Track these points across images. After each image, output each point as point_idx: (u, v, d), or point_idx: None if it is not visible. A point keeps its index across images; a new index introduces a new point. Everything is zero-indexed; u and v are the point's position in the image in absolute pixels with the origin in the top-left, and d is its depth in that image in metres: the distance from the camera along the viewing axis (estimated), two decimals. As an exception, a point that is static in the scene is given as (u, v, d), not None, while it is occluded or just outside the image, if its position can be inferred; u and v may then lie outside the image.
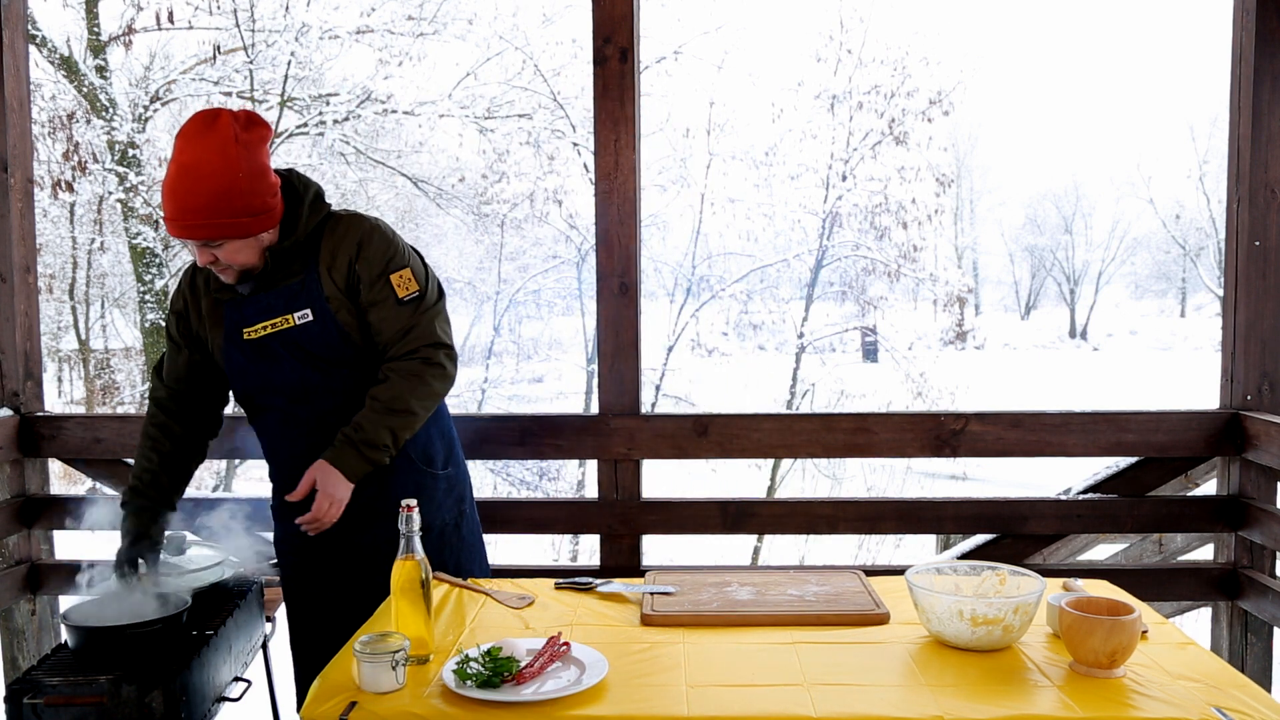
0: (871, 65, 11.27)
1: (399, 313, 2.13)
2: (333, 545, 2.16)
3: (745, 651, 1.80)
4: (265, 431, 2.26)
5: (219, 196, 1.96)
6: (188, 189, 1.96)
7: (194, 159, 1.96)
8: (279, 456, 2.27)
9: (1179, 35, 52.65)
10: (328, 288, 2.12)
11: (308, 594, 2.26)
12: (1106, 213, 36.55)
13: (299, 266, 2.13)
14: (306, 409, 2.17)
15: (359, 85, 10.92)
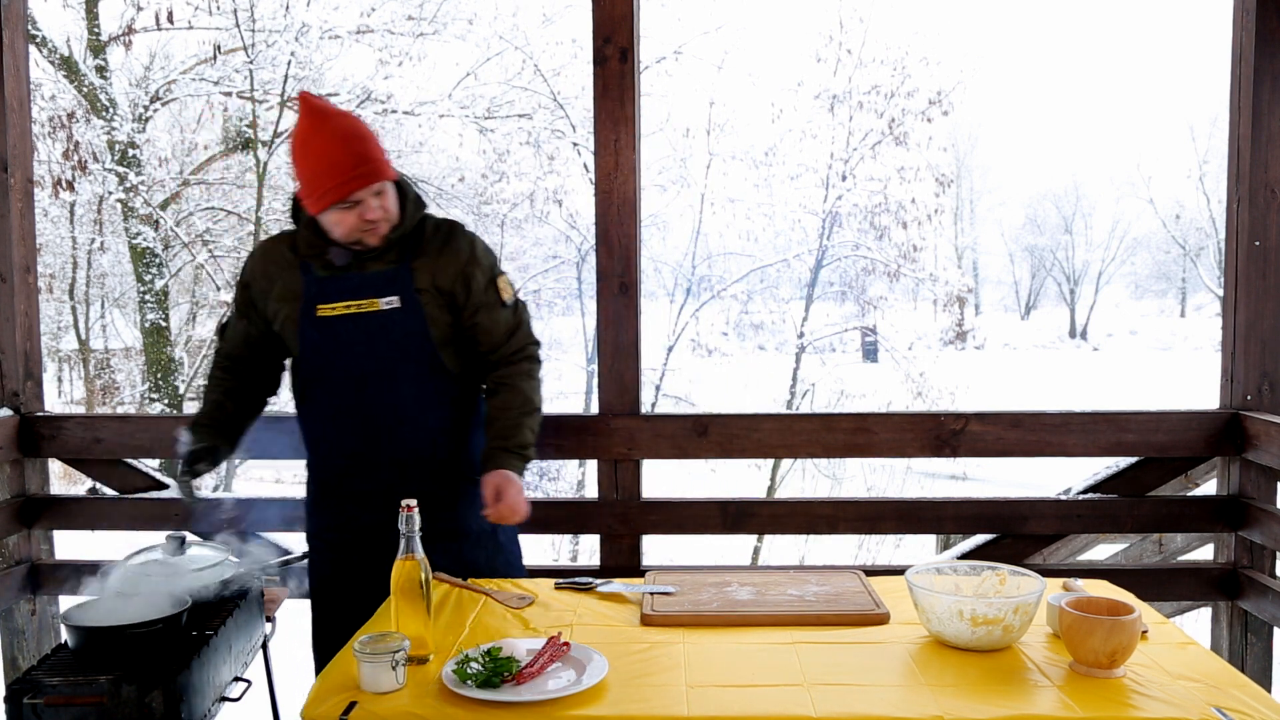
0: (871, 65, 11.27)
1: (505, 315, 2.28)
2: (372, 541, 2.16)
3: (745, 651, 1.80)
4: (315, 418, 2.29)
5: (371, 142, 2.14)
6: (349, 143, 2.11)
7: (336, 122, 2.12)
8: (321, 447, 2.30)
9: (1179, 35, 52.64)
10: (422, 281, 2.20)
11: (339, 589, 2.28)
12: (1106, 213, 36.58)
13: (394, 256, 2.20)
14: (362, 399, 2.21)
15: (359, 85, 10.92)
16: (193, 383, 11.76)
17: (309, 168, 2.12)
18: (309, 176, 2.13)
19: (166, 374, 11.36)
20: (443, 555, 2.13)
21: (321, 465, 2.32)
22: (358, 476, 2.25)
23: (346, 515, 2.28)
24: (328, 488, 2.32)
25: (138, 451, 3.14)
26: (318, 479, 2.33)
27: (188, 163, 12.08)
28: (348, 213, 2.13)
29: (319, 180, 2.11)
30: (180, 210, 11.91)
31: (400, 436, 2.23)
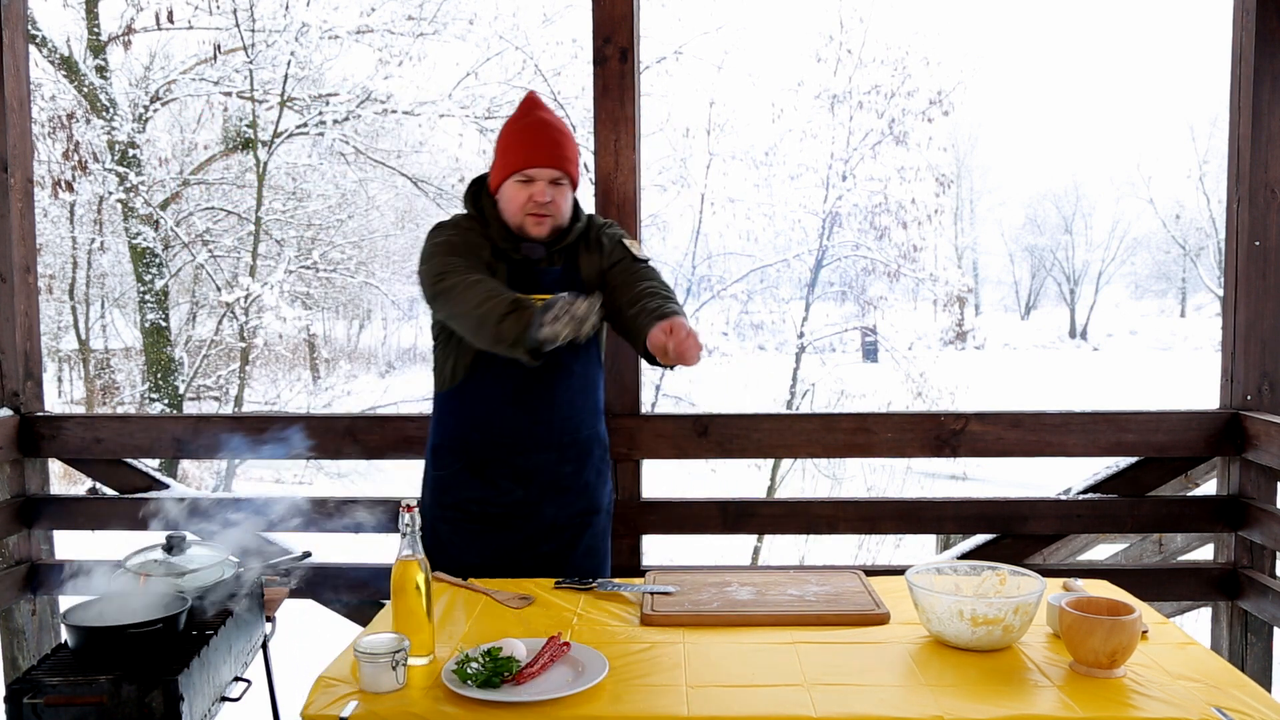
0: (871, 65, 11.26)
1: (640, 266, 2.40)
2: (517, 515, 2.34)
3: (745, 651, 1.80)
4: (482, 399, 2.34)
5: (569, 141, 2.35)
6: (556, 133, 2.32)
7: (548, 115, 2.35)
8: (484, 426, 2.34)
9: (1179, 35, 52.66)
10: (585, 272, 2.38)
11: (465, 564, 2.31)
12: (1106, 213, 36.59)
13: (559, 257, 2.37)
14: (536, 383, 2.31)
15: (359, 85, 10.92)
16: (192, 382, 11.76)
17: (506, 141, 2.32)
18: (502, 148, 2.32)
19: (166, 374, 11.36)
20: (581, 530, 2.39)
21: (480, 444, 2.35)
22: (520, 455, 2.35)
23: (499, 490, 2.36)
24: (480, 465, 2.36)
25: (138, 451, 3.14)
26: (468, 457, 2.37)
27: (188, 163, 12.08)
28: (521, 188, 2.28)
29: (509, 151, 2.30)
30: (180, 210, 11.91)
31: (563, 419, 2.36)
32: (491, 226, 2.34)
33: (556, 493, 2.38)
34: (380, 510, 3.01)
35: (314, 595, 3.11)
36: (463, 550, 2.37)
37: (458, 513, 2.39)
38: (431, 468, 2.44)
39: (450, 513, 2.39)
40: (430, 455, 2.45)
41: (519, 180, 2.28)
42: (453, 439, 2.39)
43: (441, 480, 2.41)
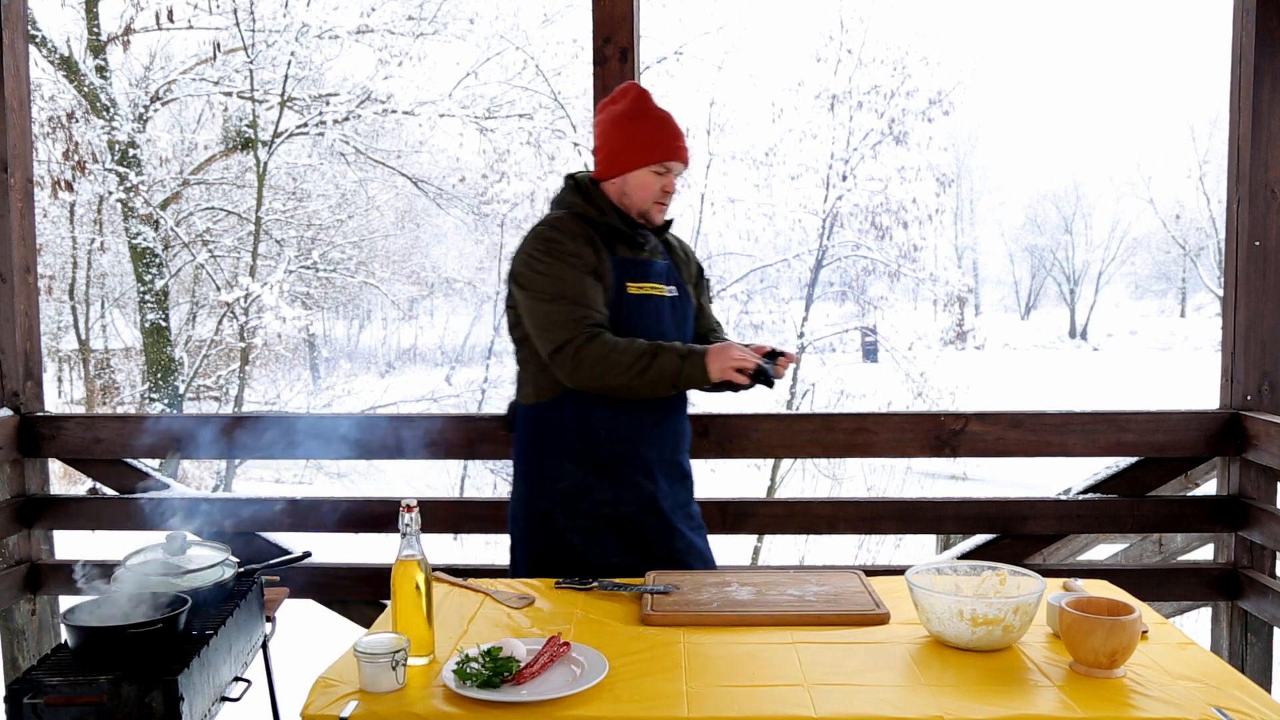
0: (871, 65, 11.27)
1: (709, 298, 2.63)
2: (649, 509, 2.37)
3: (745, 651, 1.80)
4: (606, 399, 2.31)
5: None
6: (676, 123, 2.38)
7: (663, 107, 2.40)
8: (611, 421, 2.32)
9: (1179, 35, 52.65)
10: (683, 275, 2.49)
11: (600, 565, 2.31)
12: (1106, 213, 36.59)
13: (662, 254, 2.45)
14: None
15: (359, 85, 10.93)
16: (192, 382, 11.76)
17: (637, 132, 2.34)
18: (633, 139, 2.33)
19: (166, 374, 11.36)
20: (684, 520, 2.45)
21: (608, 443, 2.34)
22: (645, 445, 2.37)
23: (630, 486, 2.35)
24: (608, 466, 2.34)
25: (138, 451, 3.14)
26: (595, 460, 2.33)
27: (188, 163, 12.08)
28: (658, 178, 2.34)
29: (644, 143, 2.32)
30: (180, 210, 11.92)
31: (675, 408, 2.44)
32: (608, 215, 2.36)
33: (680, 479, 2.45)
34: (381, 510, 3.01)
35: (314, 595, 3.11)
36: (602, 557, 2.33)
37: (591, 520, 2.34)
38: (552, 481, 2.34)
39: (584, 521, 2.33)
40: (544, 468, 2.35)
41: (656, 170, 2.34)
42: (576, 445, 2.33)
43: (568, 491, 2.33)
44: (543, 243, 2.29)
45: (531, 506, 2.37)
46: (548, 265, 2.26)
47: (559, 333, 2.23)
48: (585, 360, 2.20)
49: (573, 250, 2.28)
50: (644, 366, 2.20)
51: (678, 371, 2.22)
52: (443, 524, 3.12)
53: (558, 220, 2.34)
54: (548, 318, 2.25)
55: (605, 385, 2.23)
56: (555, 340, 2.23)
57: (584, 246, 2.29)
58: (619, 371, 2.20)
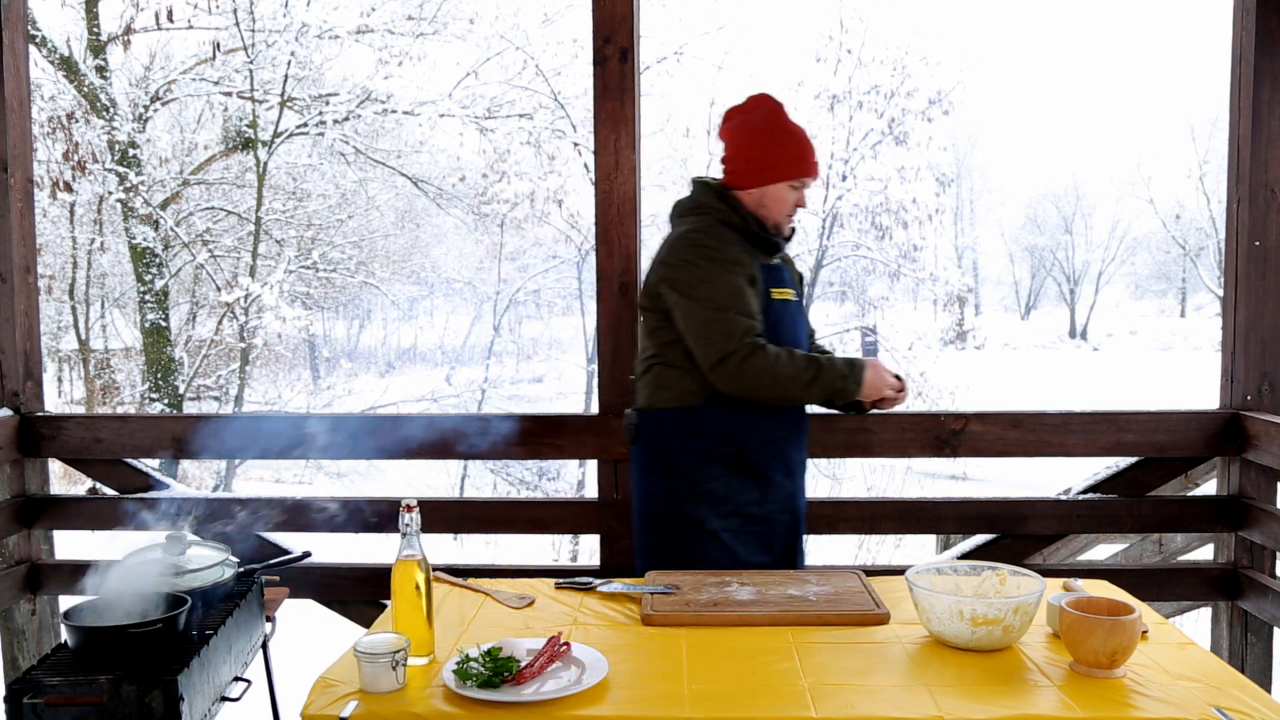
0: (871, 65, 11.27)
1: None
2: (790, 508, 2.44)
3: (745, 651, 1.80)
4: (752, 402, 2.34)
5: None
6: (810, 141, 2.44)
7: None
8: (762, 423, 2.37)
9: (1179, 35, 52.66)
10: (798, 280, 2.56)
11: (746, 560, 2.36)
12: (1106, 213, 36.57)
13: (785, 255, 2.51)
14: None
15: (359, 85, 10.92)
16: (192, 382, 11.76)
17: (783, 142, 2.40)
18: (782, 147, 2.39)
19: (166, 374, 11.36)
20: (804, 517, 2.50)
21: (755, 445, 2.37)
22: (788, 446, 2.43)
23: (774, 486, 2.40)
24: (754, 467, 2.37)
25: (138, 451, 3.14)
26: (742, 462, 2.36)
27: (188, 163, 12.08)
28: (794, 192, 2.41)
29: (785, 158, 2.38)
30: (180, 210, 11.91)
31: (805, 409, 2.48)
32: (749, 223, 2.39)
33: (803, 476, 2.50)
34: (381, 510, 3.01)
35: (314, 595, 3.11)
36: (745, 557, 2.36)
37: (740, 519, 2.36)
38: (700, 483, 2.35)
39: (734, 521, 2.36)
40: (691, 470, 2.35)
41: (793, 185, 2.40)
42: (723, 447, 2.35)
43: (718, 493, 2.35)
44: (702, 250, 2.31)
45: (682, 509, 2.35)
46: (710, 272, 2.28)
47: (724, 343, 2.25)
48: (749, 372, 2.23)
49: (733, 257, 2.31)
50: (808, 380, 2.26)
51: (840, 389, 2.30)
52: (443, 524, 3.11)
53: (710, 228, 2.35)
54: (712, 327, 2.26)
55: (765, 396, 2.29)
56: (720, 351, 2.24)
57: (741, 254, 2.33)
58: (783, 384, 2.25)
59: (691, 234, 2.35)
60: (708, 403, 2.33)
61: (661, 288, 2.33)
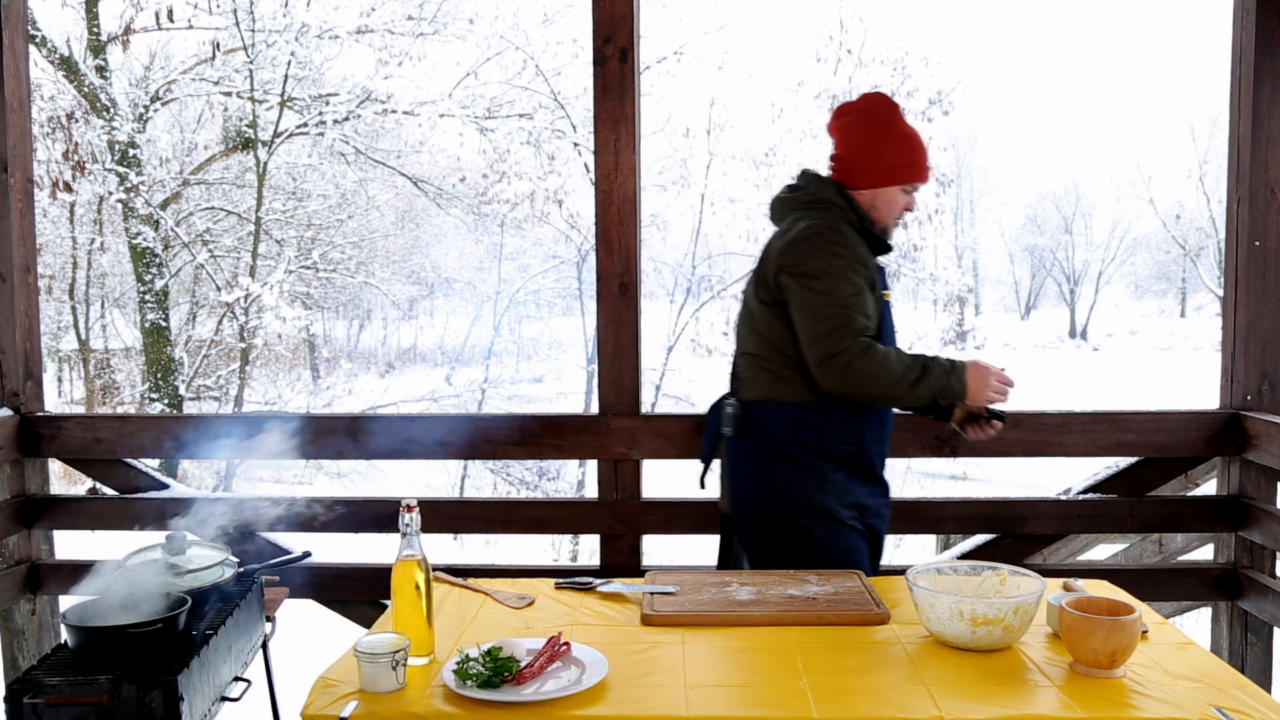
0: (871, 65, 11.27)
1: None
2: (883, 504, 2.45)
3: (745, 651, 1.80)
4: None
5: None
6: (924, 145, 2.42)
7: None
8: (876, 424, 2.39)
9: (1179, 35, 52.65)
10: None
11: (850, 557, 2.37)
12: (1106, 213, 36.56)
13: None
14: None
15: (359, 85, 10.93)
16: (192, 382, 11.76)
17: (900, 145, 2.38)
18: (899, 151, 2.38)
19: (166, 374, 11.36)
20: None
21: (871, 440, 2.39)
22: (883, 445, 2.46)
23: (879, 483, 2.43)
24: (866, 463, 2.39)
25: (138, 451, 3.14)
26: (858, 458, 2.38)
27: (188, 163, 12.08)
28: (905, 196, 2.40)
29: (901, 162, 2.38)
30: (180, 210, 11.92)
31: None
32: (865, 223, 2.39)
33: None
34: (381, 510, 3.01)
35: (314, 595, 3.11)
36: (856, 554, 2.38)
37: (857, 511, 2.39)
38: (822, 476, 2.34)
39: (852, 512, 2.38)
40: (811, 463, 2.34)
41: (906, 189, 2.40)
42: (842, 443, 2.35)
43: (839, 484, 2.36)
44: (831, 245, 2.29)
45: (811, 500, 2.33)
46: (837, 268, 2.27)
47: (835, 340, 2.23)
48: (858, 370, 2.22)
49: (859, 257, 2.30)
50: (914, 380, 2.24)
51: (944, 387, 2.28)
52: (443, 524, 3.11)
53: (835, 224, 2.33)
54: (830, 322, 2.24)
55: (868, 393, 2.27)
56: (833, 347, 2.23)
57: (865, 254, 2.33)
58: (890, 383, 2.23)
59: (820, 229, 2.31)
60: (827, 398, 2.31)
61: (783, 278, 2.30)
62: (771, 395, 2.37)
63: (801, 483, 2.34)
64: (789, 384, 2.35)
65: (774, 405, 2.36)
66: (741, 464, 2.43)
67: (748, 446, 2.41)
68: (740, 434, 2.41)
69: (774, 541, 2.36)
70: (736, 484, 2.44)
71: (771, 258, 2.36)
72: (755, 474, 2.39)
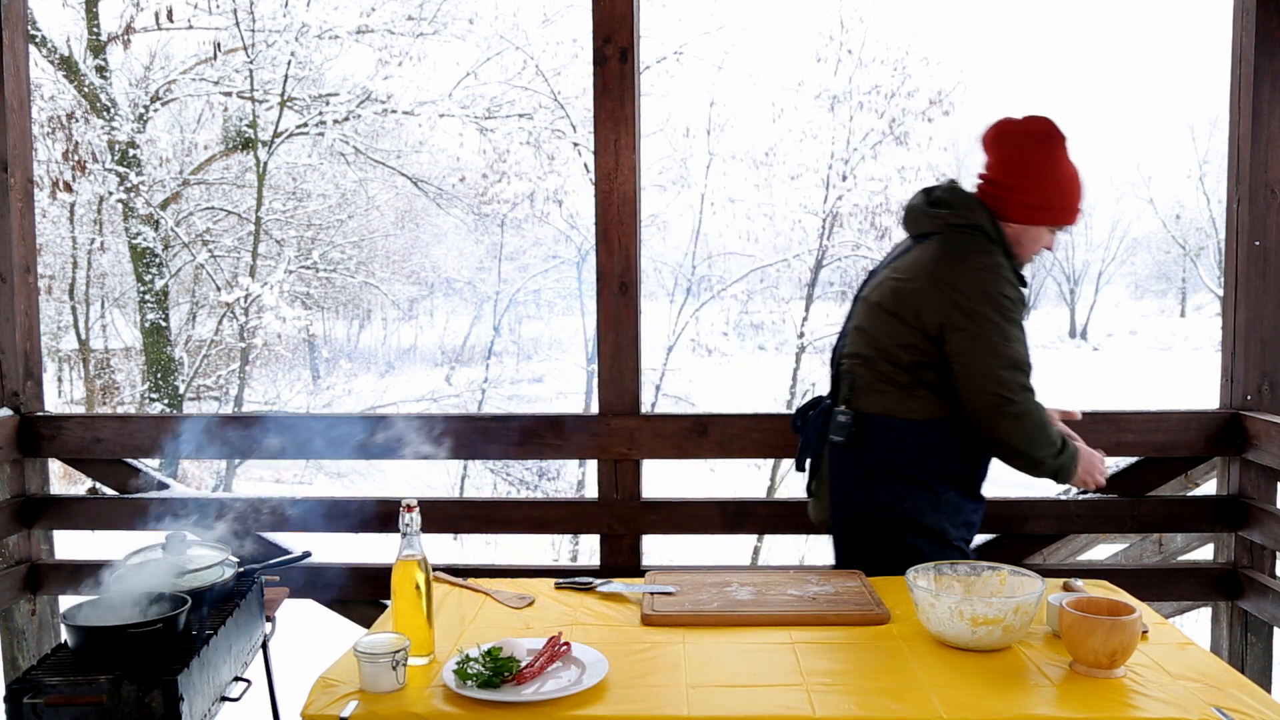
0: (871, 65, 11.27)
1: None
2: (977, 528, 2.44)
3: (745, 651, 1.80)
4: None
5: None
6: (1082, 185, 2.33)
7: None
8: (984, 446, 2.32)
9: (1179, 35, 52.61)
10: None
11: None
12: (1106, 213, 36.50)
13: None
14: None
15: (359, 85, 10.93)
16: (192, 382, 11.76)
17: (1063, 186, 2.28)
18: (1060, 192, 2.28)
19: (166, 374, 11.36)
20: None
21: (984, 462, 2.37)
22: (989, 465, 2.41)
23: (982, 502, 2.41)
24: (976, 484, 2.38)
25: (138, 451, 3.14)
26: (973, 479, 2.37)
27: (188, 163, 12.08)
28: (1049, 236, 2.33)
29: (1068, 198, 2.29)
30: (180, 210, 11.92)
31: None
32: (1012, 257, 2.29)
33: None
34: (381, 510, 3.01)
35: (314, 595, 3.11)
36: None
37: (966, 530, 2.38)
38: (937, 494, 2.30)
39: (962, 532, 2.37)
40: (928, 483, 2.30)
41: (1053, 230, 2.33)
42: (958, 465, 2.33)
43: (952, 502, 2.33)
44: (1008, 285, 2.21)
45: (925, 520, 2.30)
46: (1008, 317, 2.20)
47: (1015, 389, 2.18)
48: (1027, 424, 2.19)
49: (1021, 298, 2.25)
50: (1057, 451, 2.23)
51: (1062, 467, 2.26)
52: (443, 524, 3.11)
53: (1000, 264, 2.23)
54: (1009, 371, 2.18)
55: (1022, 449, 2.22)
56: (1008, 395, 2.17)
57: (1020, 293, 2.27)
58: (1042, 445, 2.22)
59: (994, 265, 2.22)
60: (950, 421, 2.27)
61: (952, 313, 2.19)
62: (896, 410, 2.28)
63: (915, 501, 2.29)
64: (918, 401, 2.27)
65: (898, 421, 2.28)
66: (849, 475, 2.35)
67: (859, 457, 2.33)
68: (851, 445, 2.33)
69: (876, 558, 2.32)
70: (841, 495, 2.37)
71: (928, 277, 2.23)
72: (865, 487, 2.32)
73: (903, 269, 2.31)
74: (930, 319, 2.22)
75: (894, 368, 2.28)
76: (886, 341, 2.29)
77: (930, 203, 2.35)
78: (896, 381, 2.28)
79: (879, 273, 2.42)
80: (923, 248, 2.30)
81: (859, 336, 2.38)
